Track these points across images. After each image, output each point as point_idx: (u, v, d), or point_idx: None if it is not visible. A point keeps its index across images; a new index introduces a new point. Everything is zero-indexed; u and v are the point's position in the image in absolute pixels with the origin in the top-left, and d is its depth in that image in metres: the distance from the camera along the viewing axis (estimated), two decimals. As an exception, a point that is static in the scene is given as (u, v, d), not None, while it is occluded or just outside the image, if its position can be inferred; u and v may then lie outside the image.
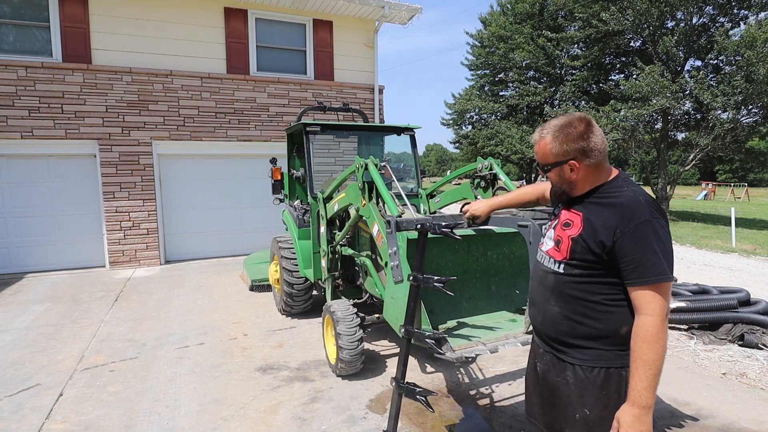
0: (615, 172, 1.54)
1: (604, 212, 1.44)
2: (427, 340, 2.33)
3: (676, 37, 14.44)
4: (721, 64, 14.84)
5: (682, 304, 4.51)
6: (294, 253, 4.77)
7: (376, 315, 3.80)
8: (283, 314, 5.15)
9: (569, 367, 1.53)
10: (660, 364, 1.34)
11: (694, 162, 15.45)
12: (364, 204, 3.13)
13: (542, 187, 2.12)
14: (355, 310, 3.60)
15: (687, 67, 15.49)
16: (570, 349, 1.54)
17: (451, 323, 2.99)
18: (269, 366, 3.86)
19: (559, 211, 1.64)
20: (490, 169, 3.95)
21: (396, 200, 2.99)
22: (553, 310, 1.57)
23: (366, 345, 4.06)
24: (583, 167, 1.49)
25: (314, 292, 4.98)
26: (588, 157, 1.48)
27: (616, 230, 1.39)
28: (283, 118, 8.65)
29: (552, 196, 1.74)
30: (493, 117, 23.97)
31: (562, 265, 1.53)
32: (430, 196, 5.10)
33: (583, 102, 19.86)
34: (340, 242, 4.05)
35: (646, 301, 1.36)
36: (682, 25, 14.87)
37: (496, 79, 24.16)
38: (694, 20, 14.77)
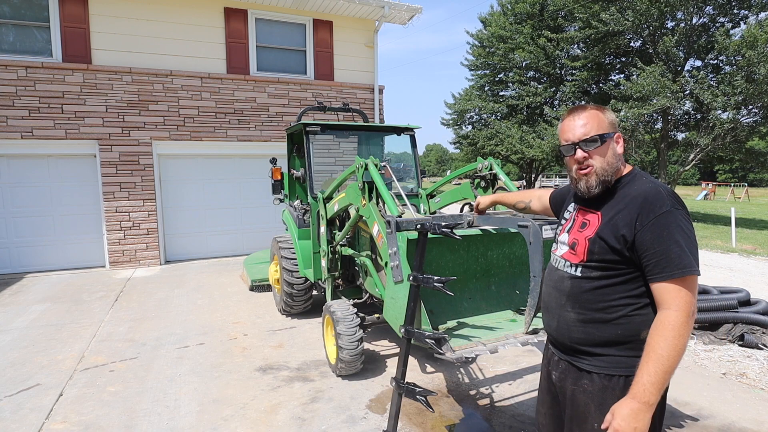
0: (629, 166, 1.52)
1: (622, 205, 1.40)
2: (427, 340, 2.33)
3: (676, 37, 14.44)
4: (721, 64, 14.85)
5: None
6: (294, 253, 4.77)
7: (376, 315, 3.80)
8: (283, 314, 5.15)
9: (586, 375, 1.46)
10: (674, 362, 1.24)
11: (694, 162, 15.45)
12: (364, 204, 3.13)
13: (539, 192, 2.14)
14: (355, 310, 3.60)
15: (687, 67, 15.50)
16: (587, 356, 1.47)
17: (451, 323, 2.99)
18: (269, 366, 3.86)
19: (571, 214, 1.61)
20: (490, 169, 3.96)
21: (396, 200, 2.99)
22: (568, 317, 1.50)
23: (366, 345, 4.06)
24: (622, 142, 1.51)
25: (314, 292, 4.98)
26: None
27: (636, 223, 1.34)
28: (283, 118, 8.65)
29: (554, 201, 1.72)
30: (493, 117, 23.95)
31: (579, 268, 1.47)
32: (430, 196, 5.10)
33: (583, 102, 19.86)
34: (340, 242, 4.05)
35: (669, 295, 1.28)
36: (682, 25, 14.88)
37: (496, 79, 24.14)
38: (694, 20, 14.78)
